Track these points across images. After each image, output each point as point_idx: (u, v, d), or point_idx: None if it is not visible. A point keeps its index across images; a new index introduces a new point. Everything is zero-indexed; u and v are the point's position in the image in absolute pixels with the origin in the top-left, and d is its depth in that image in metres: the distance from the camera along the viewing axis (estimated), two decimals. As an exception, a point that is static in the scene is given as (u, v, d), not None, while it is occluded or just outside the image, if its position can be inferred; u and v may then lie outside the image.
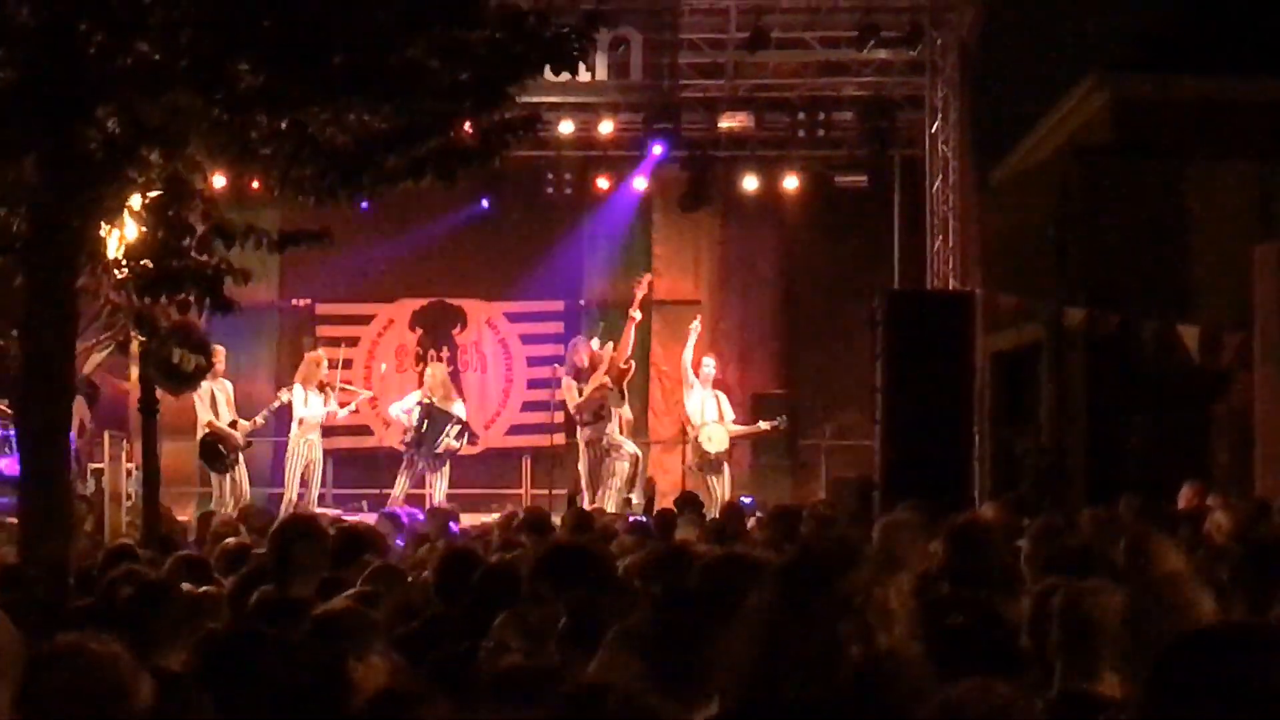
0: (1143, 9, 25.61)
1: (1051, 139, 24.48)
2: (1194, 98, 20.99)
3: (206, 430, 19.52)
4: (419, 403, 20.33)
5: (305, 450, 19.87)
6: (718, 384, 20.94)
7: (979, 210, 22.49)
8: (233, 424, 19.65)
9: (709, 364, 20.75)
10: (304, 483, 19.79)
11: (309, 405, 19.94)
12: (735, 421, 20.65)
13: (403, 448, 20.30)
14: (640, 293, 20.64)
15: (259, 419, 20.03)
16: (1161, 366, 19.11)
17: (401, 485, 20.05)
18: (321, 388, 20.07)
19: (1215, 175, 19.87)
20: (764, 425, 20.74)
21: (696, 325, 20.99)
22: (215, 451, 19.57)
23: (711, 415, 20.40)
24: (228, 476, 19.47)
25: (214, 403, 19.59)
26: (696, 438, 20.43)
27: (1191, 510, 13.35)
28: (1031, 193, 21.96)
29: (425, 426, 20.07)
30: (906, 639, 3.76)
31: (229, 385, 19.85)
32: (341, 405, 20.35)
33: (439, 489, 20.14)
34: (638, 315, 20.52)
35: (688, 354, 20.75)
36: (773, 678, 3.72)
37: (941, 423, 18.54)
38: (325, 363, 20.35)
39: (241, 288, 11.91)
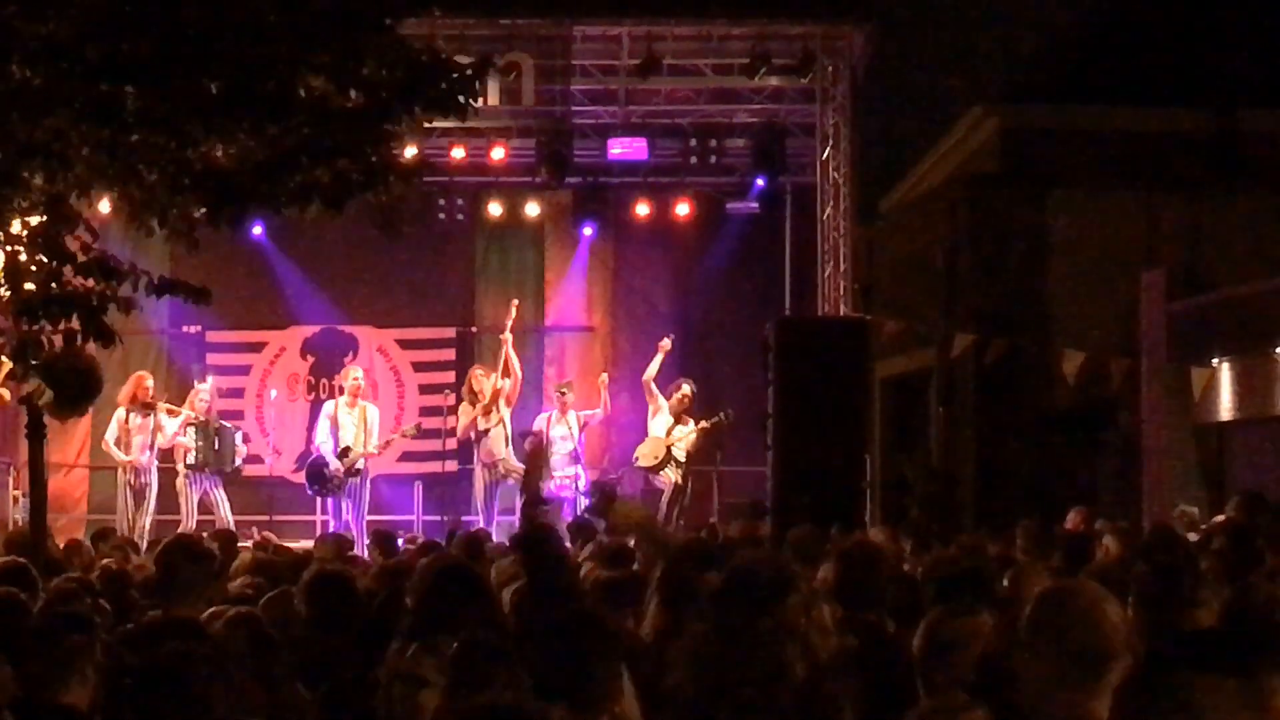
0: (1031, 40, 25.83)
1: (941, 167, 24.64)
2: (1081, 127, 21.11)
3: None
4: (189, 424, 19.83)
5: (134, 477, 19.58)
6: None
7: (869, 237, 22.61)
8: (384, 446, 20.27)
9: (685, 389, 20.62)
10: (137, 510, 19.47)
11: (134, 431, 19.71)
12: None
13: (185, 471, 19.80)
14: (509, 319, 20.63)
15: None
16: (1049, 392, 19.24)
17: (191, 510, 19.67)
18: (145, 410, 19.72)
19: (1102, 203, 20.00)
20: (705, 424, 20.59)
21: (666, 343, 20.87)
22: (320, 474, 19.89)
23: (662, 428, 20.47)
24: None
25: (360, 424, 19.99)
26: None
27: (1078, 533, 13.47)
28: (921, 220, 22.04)
29: (215, 444, 19.85)
30: (836, 653, 3.76)
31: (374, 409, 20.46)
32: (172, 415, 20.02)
33: (225, 509, 19.80)
34: (509, 338, 20.47)
35: (650, 371, 20.72)
36: (718, 702, 3.74)
37: (833, 448, 18.50)
38: (150, 382, 20.07)
39: (131, 314, 11.83)
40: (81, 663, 6.02)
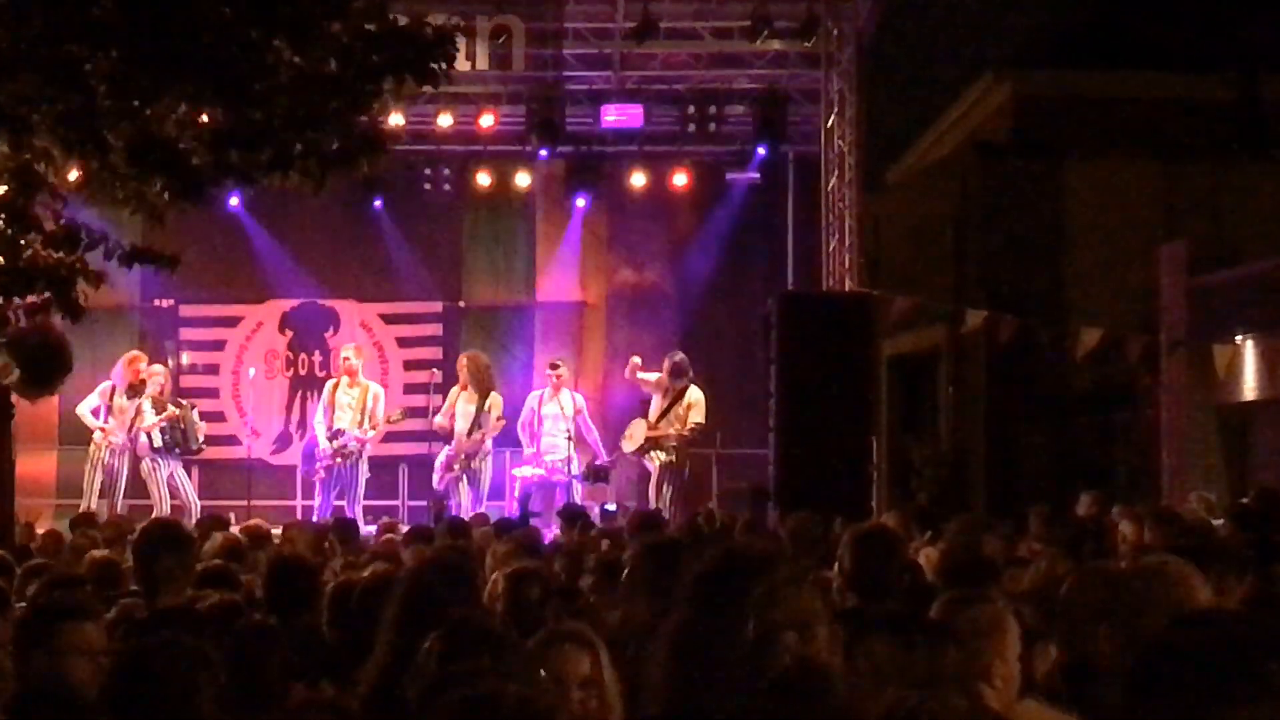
0: (1045, 2, 25.67)
1: (950, 136, 24.68)
2: (1096, 94, 21.16)
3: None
4: (169, 419, 19.18)
5: (107, 456, 19.07)
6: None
7: (875, 209, 22.22)
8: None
9: (665, 361, 20.04)
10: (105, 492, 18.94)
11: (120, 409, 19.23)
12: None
13: (150, 453, 19.10)
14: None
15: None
16: (1064, 372, 19.05)
17: (163, 495, 19.05)
18: (135, 390, 19.13)
19: (1118, 173, 20.03)
20: (684, 431, 19.91)
21: (635, 361, 20.17)
22: (312, 455, 19.86)
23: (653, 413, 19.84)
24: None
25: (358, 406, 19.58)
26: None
27: (1093, 519, 13.33)
28: (930, 191, 21.90)
29: (180, 423, 19.18)
30: (825, 644, 3.84)
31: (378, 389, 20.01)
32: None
33: (191, 493, 19.35)
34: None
35: (642, 377, 20.10)
36: (692, 686, 3.76)
37: (838, 430, 18.29)
38: (145, 363, 19.55)
39: (100, 287, 11.52)
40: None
